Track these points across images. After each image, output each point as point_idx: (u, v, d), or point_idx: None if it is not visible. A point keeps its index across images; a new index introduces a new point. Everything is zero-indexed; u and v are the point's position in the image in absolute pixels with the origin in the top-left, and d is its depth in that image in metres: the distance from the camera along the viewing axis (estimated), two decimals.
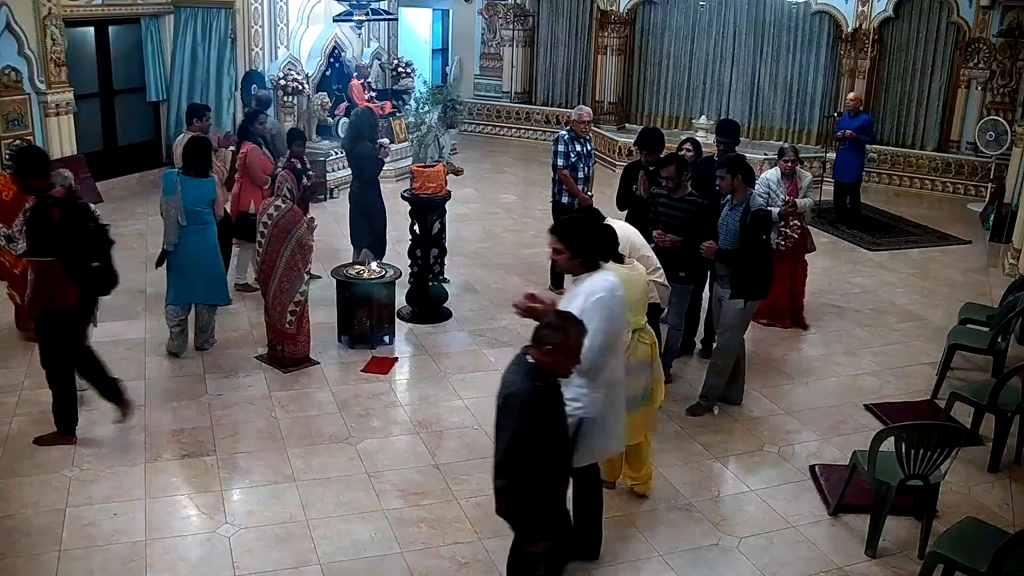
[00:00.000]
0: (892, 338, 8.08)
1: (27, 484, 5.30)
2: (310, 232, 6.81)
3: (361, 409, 6.37)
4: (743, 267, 6.18)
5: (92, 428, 5.94)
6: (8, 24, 10.12)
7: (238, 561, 4.71)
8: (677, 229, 6.50)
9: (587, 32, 16.10)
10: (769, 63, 14.67)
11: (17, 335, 7.27)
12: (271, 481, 5.44)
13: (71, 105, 10.98)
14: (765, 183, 7.83)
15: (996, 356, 6.96)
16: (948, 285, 9.53)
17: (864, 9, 13.54)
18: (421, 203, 7.81)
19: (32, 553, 4.70)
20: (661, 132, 7.84)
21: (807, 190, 7.97)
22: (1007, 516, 5.38)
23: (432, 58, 17.09)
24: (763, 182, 7.83)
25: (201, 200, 6.82)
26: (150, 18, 12.28)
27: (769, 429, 6.35)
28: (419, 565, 4.75)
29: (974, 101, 13.20)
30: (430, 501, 5.31)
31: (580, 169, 8.30)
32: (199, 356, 7.08)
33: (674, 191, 6.64)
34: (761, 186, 7.65)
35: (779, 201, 7.71)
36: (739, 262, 6.17)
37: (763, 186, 7.72)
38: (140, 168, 12.15)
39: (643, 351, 5.17)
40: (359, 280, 7.34)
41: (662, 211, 6.66)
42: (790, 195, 7.79)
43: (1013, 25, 12.72)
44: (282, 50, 12.65)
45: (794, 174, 7.89)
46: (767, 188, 7.76)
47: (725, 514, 5.35)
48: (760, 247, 6.21)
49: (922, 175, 13.65)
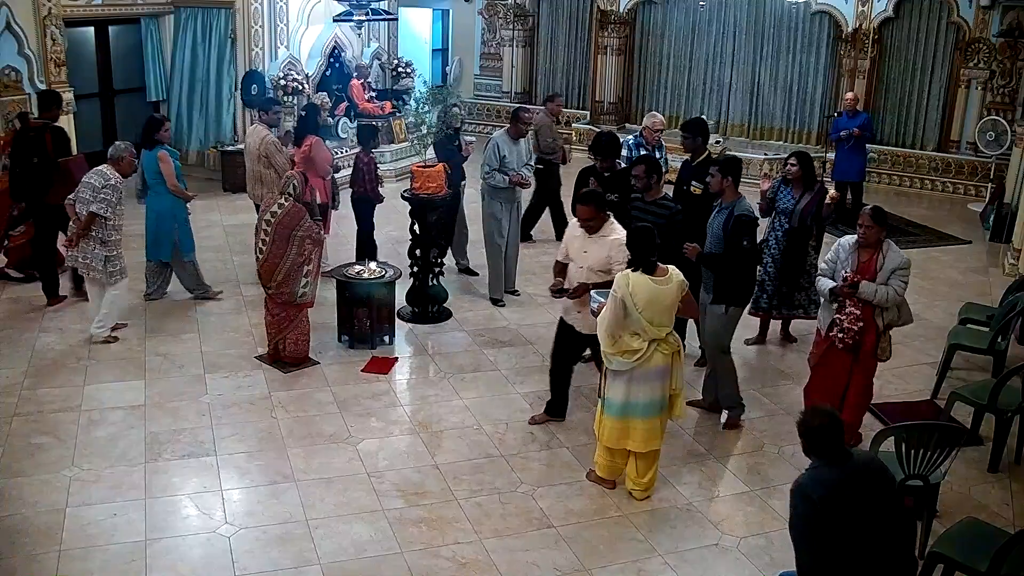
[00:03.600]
0: (892, 338, 8.05)
1: (27, 484, 5.30)
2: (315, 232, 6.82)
3: (361, 409, 6.37)
4: (724, 272, 6.09)
5: (92, 428, 5.95)
6: (8, 24, 10.11)
7: (238, 561, 4.71)
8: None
9: (587, 32, 16.09)
10: (769, 63, 14.66)
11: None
12: (271, 481, 5.44)
13: (71, 105, 10.97)
14: (836, 249, 5.89)
15: (996, 356, 6.95)
16: (948, 285, 9.53)
17: (864, 9, 13.53)
18: (421, 203, 7.81)
19: (32, 553, 4.70)
20: (616, 136, 7.52)
21: (891, 276, 5.65)
22: (1007, 516, 5.38)
23: (432, 58, 17.08)
24: (836, 248, 5.92)
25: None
26: (150, 18, 12.29)
27: (769, 429, 6.35)
28: (419, 565, 4.75)
29: (974, 101, 13.19)
30: (430, 501, 5.31)
31: None
32: (199, 356, 7.09)
33: (647, 193, 6.45)
34: (831, 252, 5.94)
35: (840, 276, 5.79)
36: (721, 267, 6.09)
37: (833, 252, 5.90)
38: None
39: (659, 359, 5.15)
40: (359, 280, 7.34)
41: (636, 215, 6.33)
42: (860, 273, 5.70)
43: (1013, 25, 12.70)
44: (282, 50, 12.64)
45: (879, 245, 5.73)
46: (836, 255, 5.86)
47: (725, 514, 5.35)
48: (742, 253, 6.04)
49: (922, 175, 13.65)
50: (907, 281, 5.72)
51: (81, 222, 7.02)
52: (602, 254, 5.75)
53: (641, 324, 5.04)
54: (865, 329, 5.76)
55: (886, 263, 5.69)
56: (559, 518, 5.19)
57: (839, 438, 3.77)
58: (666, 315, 5.13)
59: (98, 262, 7.09)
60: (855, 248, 5.79)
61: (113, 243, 7.15)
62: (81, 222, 7.02)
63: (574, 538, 5.01)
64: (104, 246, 7.09)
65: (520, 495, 5.42)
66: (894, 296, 5.68)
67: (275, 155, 8.46)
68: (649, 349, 5.09)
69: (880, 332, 5.81)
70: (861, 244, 5.77)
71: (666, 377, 5.22)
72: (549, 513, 5.24)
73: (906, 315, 5.91)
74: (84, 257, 7.11)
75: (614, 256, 5.66)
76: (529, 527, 5.11)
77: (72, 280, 8.12)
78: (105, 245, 7.09)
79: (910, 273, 5.74)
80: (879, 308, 5.71)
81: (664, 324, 5.13)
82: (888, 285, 5.65)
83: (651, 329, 5.06)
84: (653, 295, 5.03)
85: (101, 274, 7.14)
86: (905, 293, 5.76)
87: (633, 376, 5.15)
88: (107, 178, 7.05)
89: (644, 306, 5.01)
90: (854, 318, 5.74)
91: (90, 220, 6.99)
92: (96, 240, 7.06)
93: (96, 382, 6.60)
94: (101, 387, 6.52)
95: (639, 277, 5.05)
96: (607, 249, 5.73)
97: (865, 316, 5.74)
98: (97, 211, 6.97)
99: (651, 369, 5.13)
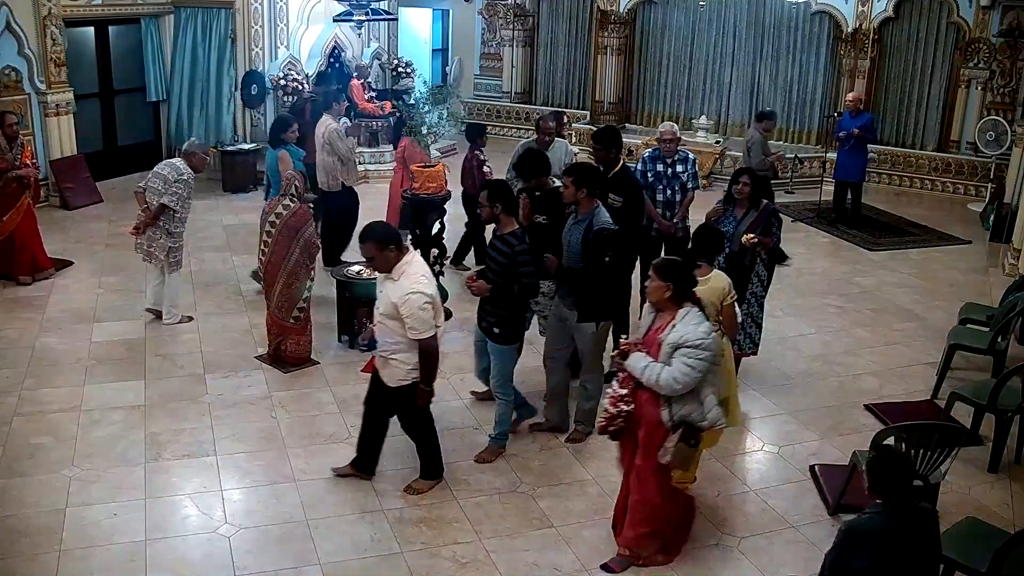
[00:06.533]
0: (892, 338, 8.08)
1: (27, 484, 5.30)
2: (317, 237, 6.84)
3: (361, 409, 6.35)
4: (586, 288, 5.65)
5: (92, 428, 5.95)
6: (8, 24, 10.13)
7: (238, 561, 4.71)
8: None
9: (587, 32, 16.10)
10: (769, 63, 14.67)
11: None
12: (271, 481, 5.44)
13: (71, 105, 10.99)
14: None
15: (996, 356, 6.95)
16: (948, 285, 9.53)
17: (864, 9, 13.54)
18: (421, 203, 7.81)
19: (32, 553, 4.71)
20: (544, 154, 6.74)
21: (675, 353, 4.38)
22: (1007, 516, 5.38)
23: (432, 58, 17.10)
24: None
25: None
26: (150, 18, 12.29)
27: (769, 429, 6.35)
28: (419, 565, 4.75)
29: (974, 101, 13.20)
30: (430, 501, 5.31)
31: (660, 191, 7.51)
32: (199, 356, 7.09)
33: (498, 225, 5.71)
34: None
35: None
36: (582, 283, 5.65)
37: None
38: (140, 168, 12.04)
39: None
40: (359, 280, 7.34)
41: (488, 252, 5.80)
42: (646, 343, 4.57)
43: (1013, 25, 12.72)
44: (282, 50, 12.65)
45: (674, 309, 4.51)
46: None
47: (725, 514, 5.35)
48: (604, 268, 5.60)
49: (922, 175, 13.65)
50: (701, 365, 4.31)
51: (150, 211, 7.24)
52: (391, 300, 4.86)
53: None
54: (639, 416, 4.51)
55: (671, 334, 4.39)
56: (559, 518, 5.20)
57: (908, 481, 3.60)
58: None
59: (161, 251, 7.34)
60: (653, 308, 4.64)
61: (178, 235, 7.44)
62: (150, 211, 7.24)
63: (574, 538, 5.01)
64: (170, 237, 7.38)
65: (520, 495, 5.42)
66: (669, 381, 4.30)
67: (336, 142, 8.70)
68: None
69: (666, 426, 4.43)
70: (652, 304, 4.62)
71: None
72: (549, 513, 5.24)
73: (714, 416, 4.42)
74: (149, 245, 7.38)
75: (404, 310, 4.77)
76: (529, 527, 5.11)
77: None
78: (171, 236, 7.38)
79: (711, 357, 4.35)
80: (665, 395, 4.40)
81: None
82: (670, 365, 4.35)
83: None
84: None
85: (163, 263, 7.43)
86: (706, 383, 4.40)
87: None
88: (180, 172, 7.27)
89: None
90: (617, 398, 4.52)
91: (159, 211, 7.21)
92: (163, 230, 7.33)
93: (96, 382, 6.60)
94: (101, 387, 6.52)
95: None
96: (397, 296, 4.81)
97: (639, 400, 4.49)
98: (167, 203, 7.20)
99: None
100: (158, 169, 7.39)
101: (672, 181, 7.49)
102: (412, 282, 4.78)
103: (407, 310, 4.74)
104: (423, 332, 4.81)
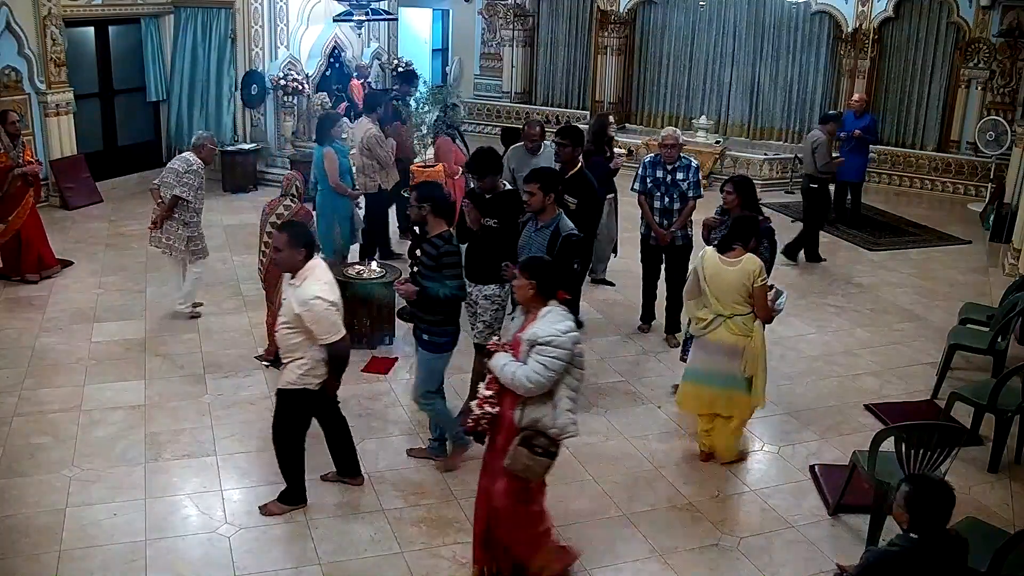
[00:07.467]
0: (892, 338, 8.08)
1: (27, 484, 5.30)
2: None
3: (361, 409, 6.37)
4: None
5: (92, 428, 5.95)
6: (8, 24, 10.14)
7: (238, 561, 4.71)
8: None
9: (587, 32, 16.10)
10: (769, 63, 14.67)
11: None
12: (271, 481, 5.42)
13: (71, 105, 11.00)
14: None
15: (996, 356, 6.95)
16: (948, 285, 9.53)
17: (864, 9, 13.54)
18: None
19: (32, 553, 4.71)
20: (496, 152, 6.20)
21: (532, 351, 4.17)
22: (1007, 516, 5.38)
23: (432, 58, 17.10)
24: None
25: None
26: (150, 18, 12.29)
27: (769, 429, 6.35)
28: (419, 565, 4.75)
29: (974, 101, 13.20)
30: (430, 501, 5.31)
31: (657, 198, 7.36)
32: (199, 356, 7.09)
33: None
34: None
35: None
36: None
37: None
38: (140, 168, 12.14)
39: (726, 336, 5.51)
40: (359, 280, 7.33)
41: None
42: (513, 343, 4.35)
43: (1013, 25, 12.71)
44: (282, 50, 12.64)
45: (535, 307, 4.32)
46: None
47: (725, 514, 5.35)
48: (571, 276, 5.51)
49: (922, 175, 13.65)
50: (555, 364, 4.08)
51: (165, 205, 7.45)
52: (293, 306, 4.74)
53: (708, 296, 5.55)
54: (503, 418, 4.27)
55: (527, 332, 4.21)
56: (559, 518, 5.18)
57: (949, 515, 3.51)
58: (729, 295, 5.48)
59: (180, 242, 7.55)
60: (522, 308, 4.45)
61: (194, 224, 7.60)
62: (165, 205, 7.45)
63: (574, 538, 5.00)
64: (186, 227, 7.55)
65: None
66: (522, 380, 4.08)
67: (376, 147, 8.79)
68: (714, 323, 5.52)
69: (517, 428, 4.20)
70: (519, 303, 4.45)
71: (735, 357, 5.52)
72: (549, 513, 5.22)
73: (563, 422, 4.18)
74: (167, 238, 7.56)
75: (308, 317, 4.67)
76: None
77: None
78: (187, 226, 7.55)
79: (566, 355, 4.11)
80: (523, 396, 4.16)
81: (726, 303, 5.49)
82: (527, 364, 4.13)
83: (715, 304, 5.51)
84: (716, 271, 5.52)
85: (184, 253, 7.61)
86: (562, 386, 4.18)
87: (702, 345, 5.66)
88: (190, 163, 7.47)
89: (709, 279, 5.54)
90: (483, 400, 4.30)
91: (173, 203, 7.44)
92: (179, 222, 7.52)
93: (96, 382, 6.60)
94: (101, 387, 6.52)
95: (712, 253, 5.60)
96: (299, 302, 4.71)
97: (503, 401, 4.27)
98: (180, 194, 7.40)
99: (717, 343, 5.53)
100: (170, 165, 7.63)
101: (671, 189, 7.32)
102: (316, 289, 4.70)
103: (311, 316, 4.66)
104: (333, 335, 4.77)
